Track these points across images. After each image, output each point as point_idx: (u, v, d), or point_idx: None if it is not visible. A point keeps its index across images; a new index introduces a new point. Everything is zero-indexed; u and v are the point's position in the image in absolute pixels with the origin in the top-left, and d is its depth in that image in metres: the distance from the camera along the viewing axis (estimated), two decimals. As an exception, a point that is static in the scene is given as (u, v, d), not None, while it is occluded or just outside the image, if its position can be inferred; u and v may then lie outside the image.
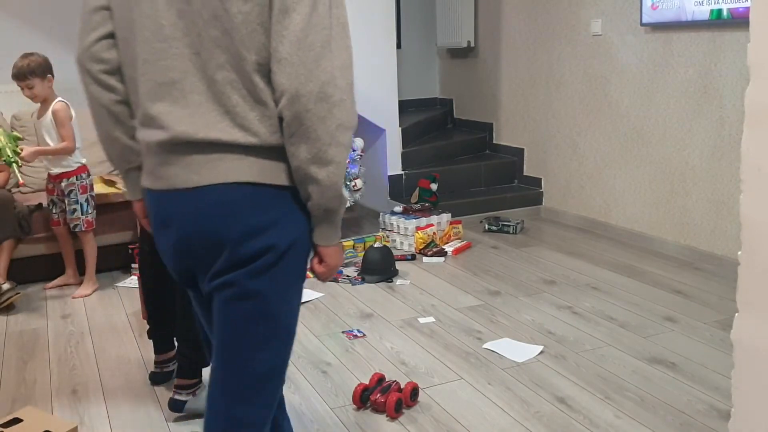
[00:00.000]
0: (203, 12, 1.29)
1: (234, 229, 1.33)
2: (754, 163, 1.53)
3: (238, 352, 1.42)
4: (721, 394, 2.62)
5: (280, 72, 1.27)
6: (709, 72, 4.01)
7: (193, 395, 2.55)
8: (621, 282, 3.87)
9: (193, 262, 1.41)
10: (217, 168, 1.33)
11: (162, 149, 1.36)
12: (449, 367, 2.91)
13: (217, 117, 1.32)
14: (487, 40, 5.87)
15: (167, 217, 1.40)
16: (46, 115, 3.71)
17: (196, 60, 1.32)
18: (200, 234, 1.36)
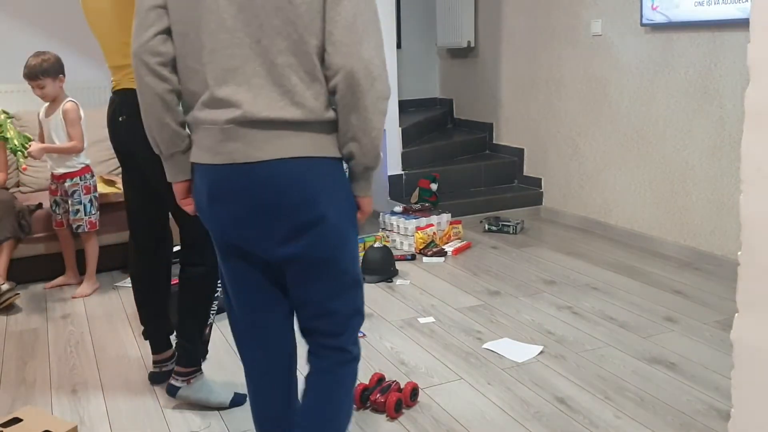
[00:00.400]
0: (266, 5, 1.49)
1: (293, 199, 1.55)
2: (754, 163, 1.53)
3: (320, 306, 1.69)
4: (721, 395, 2.62)
5: (336, 53, 1.50)
6: (709, 72, 4.01)
7: (188, 383, 2.57)
8: (621, 282, 3.87)
9: (253, 231, 1.61)
10: (277, 144, 1.53)
11: (229, 127, 1.54)
12: (449, 367, 2.91)
13: (277, 97, 1.52)
14: (488, 40, 5.88)
15: (227, 190, 1.58)
16: (56, 114, 3.70)
17: (256, 47, 1.51)
18: (262, 204, 1.56)
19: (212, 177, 1.60)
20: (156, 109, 1.62)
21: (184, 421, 2.54)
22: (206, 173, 1.62)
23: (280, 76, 1.52)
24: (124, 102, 2.48)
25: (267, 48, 1.51)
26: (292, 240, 1.60)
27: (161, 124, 1.64)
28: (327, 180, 1.58)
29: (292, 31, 1.50)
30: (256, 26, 1.51)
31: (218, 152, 1.57)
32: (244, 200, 1.57)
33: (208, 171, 1.61)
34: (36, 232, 3.91)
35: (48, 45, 4.24)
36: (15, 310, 3.66)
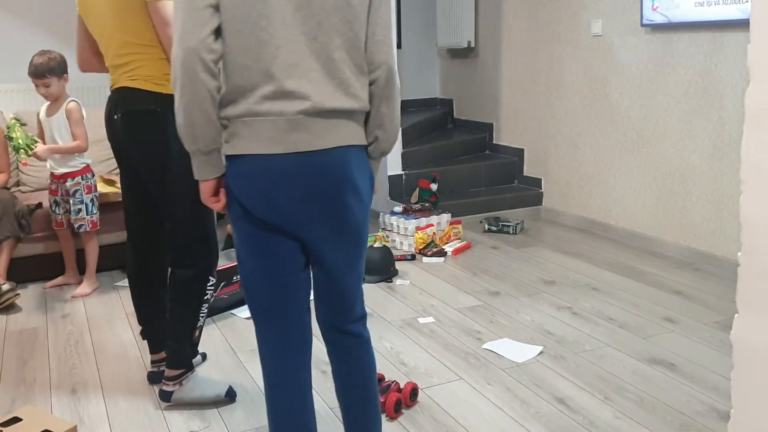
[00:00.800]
0: (325, 5, 1.65)
1: (344, 183, 1.72)
2: (754, 163, 1.52)
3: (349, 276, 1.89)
4: (721, 395, 2.62)
5: (378, 50, 1.74)
6: (709, 73, 4.01)
7: (180, 385, 2.57)
8: (621, 282, 3.87)
9: (304, 214, 1.73)
10: (334, 133, 1.70)
11: (297, 118, 1.66)
12: (449, 367, 2.91)
13: (333, 89, 1.69)
14: (488, 41, 5.88)
15: (288, 178, 1.69)
16: (58, 114, 3.70)
17: (312, 44, 1.66)
18: (318, 189, 1.71)
19: (272, 166, 1.69)
20: (207, 105, 1.66)
21: (183, 420, 2.53)
22: (262, 163, 1.69)
23: (336, 69, 1.68)
24: (120, 100, 2.47)
25: (324, 44, 1.67)
26: (336, 220, 1.76)
27: (209, 120, 1.67)
28: (365, 165, 1.78)
29: (348, 30, 1.68)
30: (313, 24, 1.65)
31: (281, 142, 1.67)
32: (302, 186, 1.70)
33: (266, 161, 1.69)
34: (36, 232, 3.91)
35: (48, 44, 4.23)
36: (15, 309, 3.66)
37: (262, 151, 1.68)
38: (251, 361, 2.99)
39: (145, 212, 2.65)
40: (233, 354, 3.07)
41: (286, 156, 1.68)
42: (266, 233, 1.78)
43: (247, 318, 3.46)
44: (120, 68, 2.47)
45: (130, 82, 2.45)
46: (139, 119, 2.46)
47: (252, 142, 1.68)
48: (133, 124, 2.47)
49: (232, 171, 1.73)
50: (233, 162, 1.72)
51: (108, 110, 2.55)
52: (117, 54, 2.46)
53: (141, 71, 2.43)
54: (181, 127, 1.68)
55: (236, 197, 1.75)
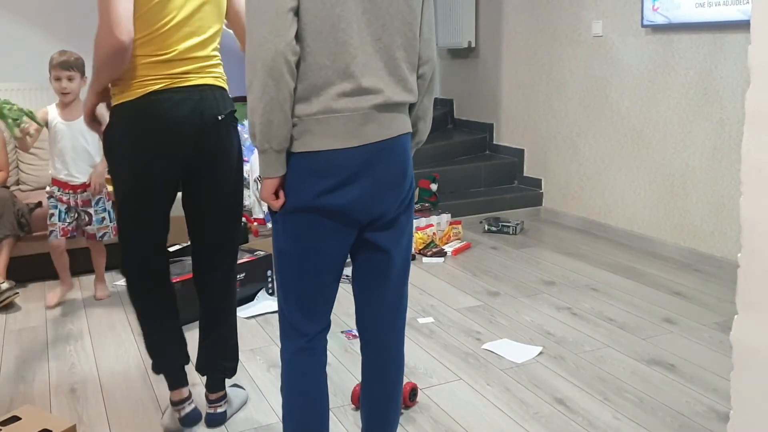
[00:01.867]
0: (390, 9, 1.77)
1: (408, 169, 1.88)
2: (754, 165, 1.52)
3: (405, 264, 2.01)
4: (720, 396, 2.62)
5: (427, 47, 1.88)
6: (709, 74, 4.01)
7: (227, 402, 2.54)
8: (620, 283, 3.87)
9: (377, 204, 1.84)
10: (396, 123, 1.83)
11: (369, 112, 1.78)
12: (448, 367, 2.91)
13: (395, 84, 1.82)
14: (488, 41, 5.88)
15: (360, 169, 1.78)
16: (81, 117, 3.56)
17: (376, 44, 1.78)
18: (392, 175, 1.84)
19: (346, 159, 1.78)
20: (287, 105, 1.72)
21: (182, 420, 2.53)
22: (337, 157, 1.77)
23: (396, 67, 1.81)
24: (217, 100, 2.31)
25: (387, 45, 1.79)
26: (397, 205, 1.89)
27: (287, 119, 1.73)
28: (410, 153, 1.94)
29: (407, 31, 1.81)
30: (378, 26, 1.77)
31: (356, 135, 1.77)
32: (374, 174, 1.81)
33: (341, 154, 1.77)
34: (35, 231, 3.90)
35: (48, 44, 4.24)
36: (14, 308, 3.66)
37: (337, 146, 1.76)
38: (251, 361, 2.99)
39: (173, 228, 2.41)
40: (233, 354, 3.07)
41: (360, 148, 1.78)
42: (326, 227, 1.84)
43: (246, 318, 3.45)
44: (202, 62, 2.23)
45: (217, 81, 2.29)
46: (233, 123, 2.34)
47: (327, 138, 1.76)
48: (232, 127, 2.33)
49: (301, 168, 1.78)
50: (302, 159, 1.77)
51: (192, 109, 2.19)
52: (203, 45, 2.23)
53: (221, 69, 2.34)
54: (257, 126, 1.72)
55: (303, 193, 1.79)
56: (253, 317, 3.47)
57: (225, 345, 2.50)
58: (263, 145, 1.74)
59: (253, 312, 3.50)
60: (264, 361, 3.00)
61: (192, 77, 2.19)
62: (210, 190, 2.32)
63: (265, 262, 3.70)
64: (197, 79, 2.21)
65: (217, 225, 2.39)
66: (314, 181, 1.79)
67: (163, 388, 2.74)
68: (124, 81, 2.16)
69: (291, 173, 1.79)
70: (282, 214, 1.83)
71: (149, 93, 2.13)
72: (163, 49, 2.14)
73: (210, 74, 2.26)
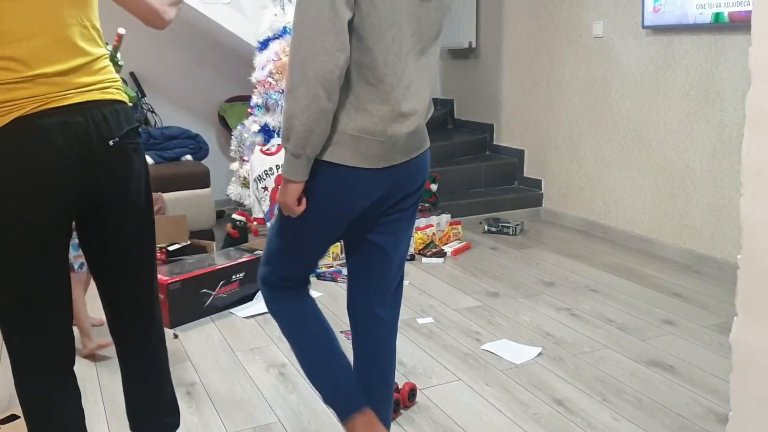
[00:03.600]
0: (430, 32, 1.79)
1: (424, 180, 1.97)
2: (754, 166, 1.52)
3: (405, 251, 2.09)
4: (720, 398, 2.61)
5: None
6: (710, 75, 4.01)
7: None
8: (620, 284, 3.87)
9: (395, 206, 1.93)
10: (421, 141, 1.91)
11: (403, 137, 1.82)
12: (447, 368, 2.91)
13: (429, 105, 1.90)
14: (489, 41, 5.87)
15: (400, 182, 1.88)
16: None
17: (419, 65, 1.80)
18: (417, 184, 1.93)
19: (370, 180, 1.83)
20: (330, 117, 1.72)
21: (181, 418, 2.53)
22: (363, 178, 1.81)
23: (432, 87, 1.88)
24: (107, 118, 1.78)
25: (425, 66, 1.82)
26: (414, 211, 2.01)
27: (326, 131, 1.73)
28: None
29: (437, 51, 1.86)
30: (419, 48, 1.78)
31: (385, 159, 1.82)
32: (396, 189, 1.89)
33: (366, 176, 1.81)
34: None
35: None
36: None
37: (365, 166, 1.79)
38: (250, 361, 2.99)
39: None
40: (232, 353, 3.07)
41: (387, 169, 1.83)
42: (336, 228, 1.90)
43: (246, 317, 3.45)
44: (78, 72, 1.70)
45: (106, 94, 1.74)
46: (132, 143, 1.80)
47: (357, 156, 1.77)
48: (130, 149, 1.79)
49: (326, 176, 1.78)
50: (329, 168, 1.77)
51: (73, 135, 1.66)
52: (78, 46, 1.70)
53: (111, 75, 1.78)
54: (297, 132, 1.69)
55: (325, 200, 1.81)
56: (252, 317, 3.46)
57: (161, 396, 2.08)
58: (298, 150, 1.71)
59: (252, 312, 3.50)
60: (263, 360, 3.00)
61: (69, 94, 1.67)
62: (111, 232, 1.84)
63: (265, 261, 3.70)
64: (75, 95, 1.68)
65: (127, 274, 1.91)
66: (337, 195, 1.82)
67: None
68: None
69: (315, 182, 1.78)
70: (307, 216, 1.82)
71: (13, 121, 1.61)
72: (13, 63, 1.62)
73: (95, 87, 1.72)
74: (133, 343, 2.01)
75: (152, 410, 2.07)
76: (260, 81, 4.36)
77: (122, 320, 1.98)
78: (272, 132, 4.31)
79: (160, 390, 2.07)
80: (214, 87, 5.61)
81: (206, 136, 5.34)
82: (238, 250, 3.84)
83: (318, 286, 3.87)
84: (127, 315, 1.97)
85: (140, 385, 2.05)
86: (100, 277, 1.93)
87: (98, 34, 1.76)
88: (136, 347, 2.01)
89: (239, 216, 4.36)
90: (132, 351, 2.02)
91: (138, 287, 1.94)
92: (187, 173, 4.60)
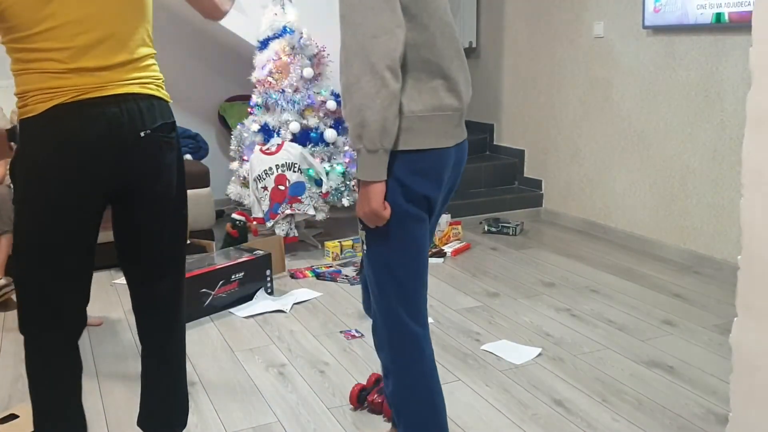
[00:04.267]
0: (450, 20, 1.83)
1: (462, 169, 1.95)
2: (755, 167, 1.52)
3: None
4: (719, 399, 2.61)
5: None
6: (710, 75, 4.01)
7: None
8: (620, 285, 3.87)
9: (447, 197, 1.94)
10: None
11: (461, 112, 1.84)
12: (447, 368, 2.90)
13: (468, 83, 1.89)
14: (489, 41, 5.87)
15: (453, 167, 1.86)
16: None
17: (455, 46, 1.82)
18: (457, 175, 1.92)
19: (445, 159, 1.80)
20: (398, 100, 1.69)
21: (180, 419, 2.53)
22: (440, 158, 1.79)
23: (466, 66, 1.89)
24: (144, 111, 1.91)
25: (458, 48, 1.84)
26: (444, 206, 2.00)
27: (397, 115, 1.69)
28: None
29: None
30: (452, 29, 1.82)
31: (452, 135, 1.81)
32: (457, 173, 1.91)
33: (442, 155, 1.79)
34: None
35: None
36: (12, 305, 3.66)
37: (439, 146, 1.76)
38: (249, 360, 2.98)
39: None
40: (231, 353, 3.07)
41: (454, 147, 1.82)
42: (423, 225, 1.84)
43: (245, 317, 3.45)
44: (129, 66, 1.83)
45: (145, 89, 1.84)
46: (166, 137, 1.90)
47: (430, 136, 1.74)
48: (163, 142, 1.89)
49: (405, 168, 1.73)
50: (406, 158, 1.73)
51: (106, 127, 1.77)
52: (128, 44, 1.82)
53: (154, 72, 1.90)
54: (372, 125, 1.64)
55: (409, 194, 1.75)
56: (251, 316, 3.46)
57: (177, 397, 2.12)
58: (375, 145, 1.65)
59: (251, 311, 3.50)
60: (263, 360, 2.99)
61: (109, 86, 1.77)
62: (141, 220, 1.92)
63: (264, 261, 3.70)
64: (115, 87, 1.78)
65: (156, 268, 1.98)
66: (418, 181, 1.76)
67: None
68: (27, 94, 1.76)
69: (398, 174, 1.73)
70: (395, 222, 1.75)
71: (54, 107, 1.73)
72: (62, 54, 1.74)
73: (135, 81, 1.82)
74: (157, 343, 2.06)
75: (165, 410, 2.12)
76: (260, 80, 4.36)
77: (148, 319, 2.04)
78: (272, 131, 4.31)
79: (177, 391, 2.11)
80: (214, 86, 5.61)
81: (206, 135, 5.34)
82: (238, 249, 3.84)
83: (318, 286, 3.87)
84: (153, 314, 2.03)
85: (159, 385, 2.09)
86: (130, 273, 2.01)
87: (148, 34, 1.88)
88: (160, 349, 2.06)
89: (239, 216, 4.36)
90: (156, 351, 2.07)
91: (166, 284, 2.00)
92: (187, 173, 4.46)
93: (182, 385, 2.12)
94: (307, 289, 3.82)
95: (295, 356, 3.02)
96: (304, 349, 3.10)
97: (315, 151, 4.27)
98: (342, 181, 4.29)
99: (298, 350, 3.08)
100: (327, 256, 4.34)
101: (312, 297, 3.71)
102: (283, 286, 3.89)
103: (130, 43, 1.81)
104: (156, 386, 2.10)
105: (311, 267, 4.16)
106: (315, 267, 4.16)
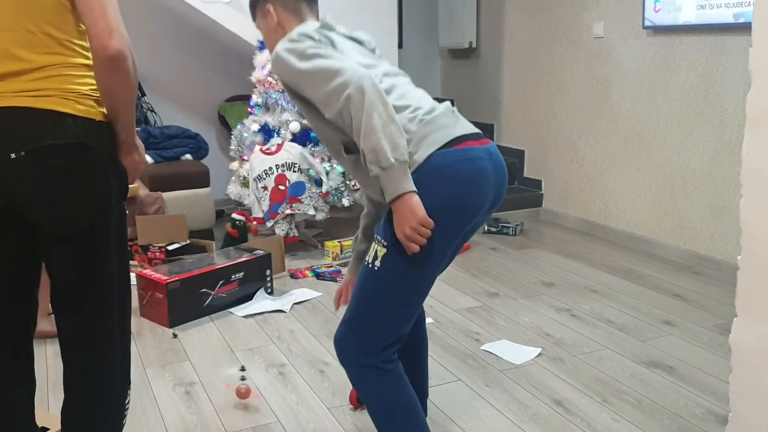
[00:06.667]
0: None
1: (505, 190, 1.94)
2: (754, 167, 1.52)
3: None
4: (719, 399, 2.61)
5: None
6: (710, 76, 4.01)
7: None
8: (620, 285, 3.87)
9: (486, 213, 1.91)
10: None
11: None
12: (447, 368, 2.90)
13: None
14: (489, 41, 5.87)
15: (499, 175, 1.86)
16: None
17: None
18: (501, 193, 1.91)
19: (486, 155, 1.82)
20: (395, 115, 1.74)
21: (180, 418, 2.53)
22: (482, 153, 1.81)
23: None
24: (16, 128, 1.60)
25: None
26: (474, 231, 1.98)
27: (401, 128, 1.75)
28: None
29: None
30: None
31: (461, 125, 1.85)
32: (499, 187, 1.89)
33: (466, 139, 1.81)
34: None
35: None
36: None
37: (462, 132, 1.80)
38: (249, 361, 2.98)
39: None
40: (231, 353, 3.07)
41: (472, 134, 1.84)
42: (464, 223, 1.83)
43: (245, 317, 3.45)
44: (7, 79, 1.52)
45: (31, 101, 1.51)
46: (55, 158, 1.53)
47: (443, 130, 1.79)
48: (51, 168, 1.53)
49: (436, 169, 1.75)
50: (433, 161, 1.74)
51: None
52: (13, 53, 1.53)
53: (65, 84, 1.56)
54: (382, 141, 1.67)
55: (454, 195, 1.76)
56: (251, 316, 3.46)
57: None
58: (394, 156, 1.67)
59: (251, 311, 3.50)
60: (262, 360, 2.99)
61: None
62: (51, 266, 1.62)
63: (264, 261, 3.70)
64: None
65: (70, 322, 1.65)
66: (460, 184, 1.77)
67: (162, 387, 2.74)
68: None
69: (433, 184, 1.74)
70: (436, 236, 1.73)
71: None
72: None
73: (18, 93, 1.51)
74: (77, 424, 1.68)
75: None
76: (260, 80, 4.36)
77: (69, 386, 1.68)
78: (272, 131, 4.31)
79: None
80: (214, 86, 5.61)
81: (206, 135, 5.34)
82: (238, 249, 3.84)
83: (318, 286, 3.87)
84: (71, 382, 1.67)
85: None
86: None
87: (60, 41, 1.55)
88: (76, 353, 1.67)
89: (239, 215, 4.36)
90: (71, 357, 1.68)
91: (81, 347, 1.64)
92: (187, 172, 4.60)
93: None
94: (307, 289, 3.82)
95: (295, 356, 3.02)
96: (304, 348, 3.10)
97: (315, 151, 4.27)
98: (342, 181, 4.29)
99: (298, 350, 3.08)
100: (327, 256, 4.34)
101: (312, 297, 3.71)
102: (283, 286, 3.89)
103: (14, 50, 1.51)
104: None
105: (311, 267, 4.16)
106: (315, 267, 4.16)
